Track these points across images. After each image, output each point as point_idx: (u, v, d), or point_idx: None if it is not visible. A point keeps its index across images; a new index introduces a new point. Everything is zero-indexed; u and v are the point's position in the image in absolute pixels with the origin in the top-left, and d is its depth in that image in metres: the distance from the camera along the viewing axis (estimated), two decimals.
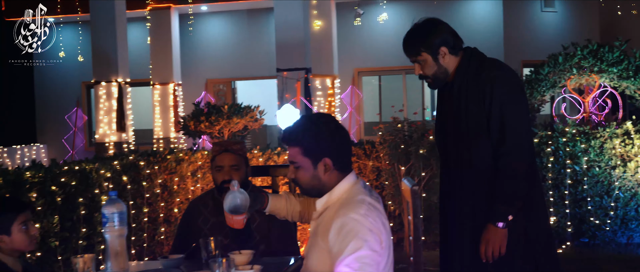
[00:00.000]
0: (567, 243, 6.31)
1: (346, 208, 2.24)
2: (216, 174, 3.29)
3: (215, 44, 13.59)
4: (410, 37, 2.92)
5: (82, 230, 4.77)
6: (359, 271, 2.12)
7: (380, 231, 2.22)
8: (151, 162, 5.80)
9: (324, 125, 2.34)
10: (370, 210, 2.24)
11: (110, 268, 2.52)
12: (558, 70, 6.74)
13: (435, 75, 2.88)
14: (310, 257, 2.34)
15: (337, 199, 2.33)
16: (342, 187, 2.34)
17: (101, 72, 11.15)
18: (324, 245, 2.26)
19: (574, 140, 6.32)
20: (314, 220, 2.41)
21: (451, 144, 2.91)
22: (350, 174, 2.38)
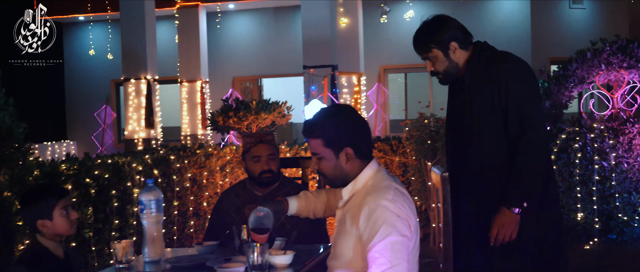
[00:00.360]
0: (595, 239, 6.28)
1: (373, 195, 2.29)
2: (254, 164, 3.31)
3: (242, 42, 13.70)
4: (420, 34, 2.96)
5: (114, 222, 4.88)
6: (390, 256, 2.18)
7: (408, 215, 2.28)
8: (181, 156, 5.90)
9: (344, 115, 2.40)
10: (397, 195, 2.30)
11: (147, 253, 2.60)
12: (586, 66, 6.70)
13: (446, 70, 2.91)
14: (338, 244, 2.39)
15: (362, 187, 2.38)
16: (367, 174, 2.40)
17: (130, 70, 11.33)
18: (353, 232, 2.31)
19: (602, 136, 6.29)
20: (340, 209, 2.46)
21: (457, 138, 2.95)
22: (372, 161, 2.43)
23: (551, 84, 6.79)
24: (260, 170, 3.30)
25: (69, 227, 2.68)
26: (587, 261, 5.75)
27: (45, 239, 2.66)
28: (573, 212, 6.35)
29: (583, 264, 5.66)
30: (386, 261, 2.17)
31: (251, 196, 3.32)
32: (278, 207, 2.66)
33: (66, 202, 2.68)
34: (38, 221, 2.63)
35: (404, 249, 2.22)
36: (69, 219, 2.67)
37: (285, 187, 3.39)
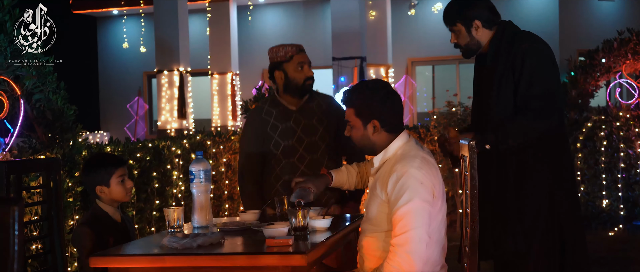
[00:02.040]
0: (620, 226, 6.39)
1: (401, 163, 2.50)
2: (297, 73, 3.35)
3: (271, 35, 13.92)
4: (449, 8, 3.11)
5: (155, 202, 5.13)
6: (412, 219, 2.39)
7: (433, 182, 2.48)
8: (217, 142, 6.13)
9: (376, 90, 2.61)
10: (424, 163, 2.50)
11: (196, 220, 2.81)
12: (613, 56, 6.80)
13: (467, 45, 3.05)
14: (370, 208, 2.61)
15: (392, 155, 2.59)
16: (397, 144, 2.60)
17: (163, 62, 11.63)
18: (382, 196, 2.52)
19: (628, 124, 6.40)
20: (372, 176, 2.67)
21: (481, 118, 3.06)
22: (402, 133, 2.63)
23: (578, 73, 6.90)
24: (305, 77, 3.36)
25: (124, 195, 2.92)
26: (612, 247, 5.87)
27: (104, 204, 2.91)
28: (598, 199, 6.47)
29: (608, 249, 5.78)
30: (407, 223, 2.39)
31: (285, 111, 3.38)
32: (321, 182, 2.90)
33: (123, 171, 2.92)
34: (97, 186, 2.89)
35: (425, 213, 2.42)
36: (125, 187, 2.92)
37: (313, 101, 3.46)
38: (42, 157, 3.95)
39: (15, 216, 1.12)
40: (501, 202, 2.94)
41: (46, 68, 4.16)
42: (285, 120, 3.35)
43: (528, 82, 2.86)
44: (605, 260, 5.45)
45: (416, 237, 2.38)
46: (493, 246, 2.95)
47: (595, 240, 6.11)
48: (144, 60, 14.08)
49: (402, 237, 2.38)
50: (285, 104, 3.40)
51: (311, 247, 2.28)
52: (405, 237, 2.37)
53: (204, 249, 2.28)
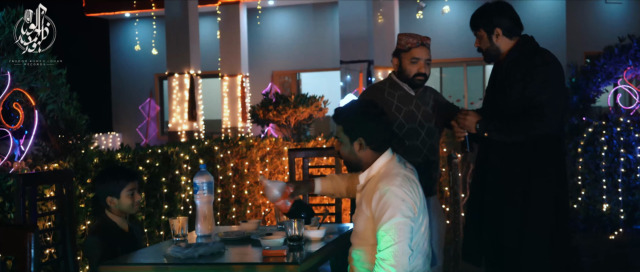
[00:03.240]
0: (620, 230, 6.50)
1: (384, 181, 2.66)
2: (411, 65, 3.40)
3: (281, 37, 14.09)
4: (475, 14, 3.28)
5: (164, 207, 5.30)
6: (395, 235, 2.55)
7: (413, 199, 2.64)
8: (224, 147, 6.30)
9: (365, 109, 2.78)
10: (405, 181, 2.66)
11: (200, 229, 2.98)
12: (614, 62, 6.90)
13: (487, 50, 3.22)
14: (357, 222, 2.77)
15: (376, 173, 2.75)
16: (380, 163, 2.77)
17: (174, 65, 11.83)
18: (368, 212, 2.69)
19: (628, 130, 6.50)
20: (359, 192, 2.83)
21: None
22: (386, 151, 2.80)
23: (579, 78, 7.01)
24: (416, 72, 3.40)
25: (132, 207, 3.10)
26: (612, 250, 5.98)
27: (112, 214, 3.09)
28: (599, 203, 6.58)
29: (608, 253, 5.90)
30: (391, 238, 2.55)
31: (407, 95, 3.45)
32: (302, 186, 3.08)
33: (134, 185, 3.10)
34: (108, 197, 3.07)
35: (407, 228, 2.58)
36: (133, 200, 3.10)
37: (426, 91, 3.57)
38: (55, 167, 4.12)
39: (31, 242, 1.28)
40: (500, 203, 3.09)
41: (59, 80, 4.34)
42: (408, 104, 3.45)
43: (538, 89, 3.00)
44: (605, 264, 5.56)
45: (399, 251, 2.54)
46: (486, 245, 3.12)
47: (596, 244, 6.23)
48: (156, 62, 14.29)
49: (386, 252, 2.54)
50: (406, 89, 3.48)
51: (305, 257, 2.44)
52: (389, 251, 2.53)
53: (205, 258, 2.45)
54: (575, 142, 6.65)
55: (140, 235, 3.28)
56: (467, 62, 12.93)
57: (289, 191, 2.97)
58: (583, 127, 6.66)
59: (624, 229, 6.53)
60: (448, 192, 6.74)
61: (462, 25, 12.91)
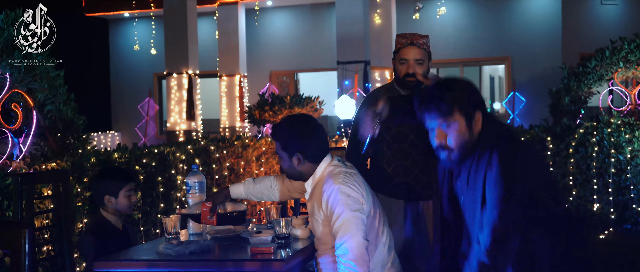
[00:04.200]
0: (610, 229, 6.60)
1: (328, 183, 2.74)
2: (400, 66, 3.35)
3: (279, 38, 14.19)
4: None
5: (160, 205, 5.40)
6: (347, 229, 2.63)
7: (359, 192, 2.72)
8: (220, 147, 6.40)
9: (299, 125, 2.84)
10: (347, 177, 2.75)
11: (191, 227, 3.08)
12: (605, 64, 7.01)
13: None
14: (315, 229, 2.85)
15: (320, 178, 2.84)
16: (322, 168, 2.85)
17: (173, 64, 11.93)
18: (320, 216, 2.77)
19: (619, 130, 6.59)
20: (309, 202, 2.91)
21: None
22: (325, 157, 2.87)
23: (571, 80, 7.11)
24: (405, 72, 3.33)
25: (128, 207, 3.20)
26: (603, 250, 6.08)
27: (107, 213, 3.19)
28: (590, 203, 6.67)
29: (598, 252, 5.99)
30: (343, 233, 2.63)
31: (397, 95, 3.36)
32: (218, 195, 3.08)
33: (131, 186, 3.21)
34: (106, 196, 3.17)
35: (358, 221, 2.66)
36: (130, 201, 3.20)
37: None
38: (53, 166, 4.22)
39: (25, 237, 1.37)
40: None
41: (57, 81, 4.44)
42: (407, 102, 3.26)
43: None
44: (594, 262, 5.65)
45: (355, 244, 2.61)
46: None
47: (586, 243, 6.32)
48: (155, 62, 14.39)
49: (342, 248, 2.63)
50: (399, 89, 3.42)
51: (291, 254, 2.54)
52: (344, 247, 2.62)
53: (196, 255, 2.55)
54: (566, 143, 6.73)
55: (135, 234, 3.37)
56: (464, 63, 13.02)
57: (207, 207, 2.97)
58: (574, 128, 6.75)
59: (614, 229, 6.62)
60: None
61: (459, 26, 13.07)
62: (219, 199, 3.05)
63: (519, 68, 12.49)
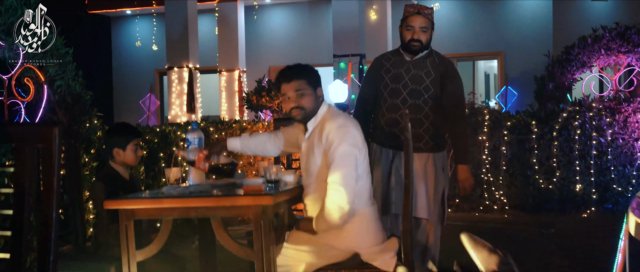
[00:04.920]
0: (592, 208, 6.90)
1: (330, 120, 3.09)
2: (406, 32, 3.76)
3: (277, 33, 14.50)
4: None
5: (162, 180, 5.71)
6: (342, 161, 2.97)
7: (355, 134, 3.06)
8: (219, 128, 6.71)
9: (314, 69, 3.25)
10: (347, 119, 3.11)
11: (192, 179, 3.37)
12: (587, 51, 7.32)
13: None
14: (310, 164, 3.15)
15: (322, 119, 3.18)
16: (323, 110, 3.21)
17: (174, 59, 12.24)
18: (319, 150, 3.09)
19: (600, 114, 6.90)
20: (307, 141, 3.22)
21: None
22: (324, 101, 3.24)
23: (555, 67, 7.42)
24: (410, 38, 3.75)
25: (134, 160, 3.52)
26: (584, 228, 6.35)
27: (116, 164, 3.50)
28: (572, 184, 6.98)
29: (580, 230, 6.27)
30: (339, 163, 2.96)
31: (401, 60, 3.82)
32: (214, 146, 3.39)
33: (137, 141, 3.53)
34: (115, 148, 3.48)
35: (353, 157, 3.00)
36: (136, 154, 3.52)
37: (431, 56, 3.84)
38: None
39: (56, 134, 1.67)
40: None
41: (67, 57, 4.75)
42: (399, 67, 3.81)
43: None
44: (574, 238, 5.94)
45: (347, 174, 2.95)
46: None
47: (570, 221, 6.63)
48: (156, 58, 14.70)
49: (335, 175, 2.95)
50: (404, 55, 3.83)
51: (279, 192, 2.86)
52: (337, 174, 2.94)
53: (195, 194, 2.86)
54: (550, 126, 7.04)
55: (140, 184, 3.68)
56: (457, 58, 13.33)
57: (203, 154, 3.26)
58: (558, 113, 7.06)
59: (596, 208, 6.93)
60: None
61: (453, 22, 13.38)
62: (215, 149, 3.36)
63: (512, 63, 12.80)
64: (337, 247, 3.02)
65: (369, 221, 3.08)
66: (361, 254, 3.02)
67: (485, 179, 7.18)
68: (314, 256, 3.01)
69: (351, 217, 3.00)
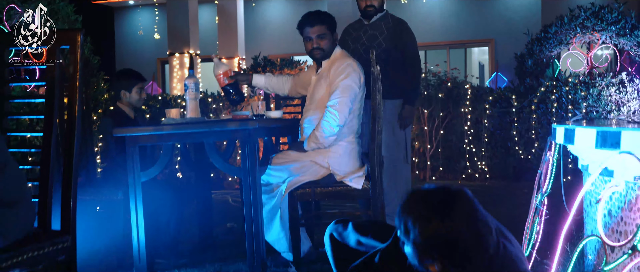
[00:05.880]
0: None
1: (340, 59, 3.63)
2: (360, 1, 4.31)
3: (275, 23, 14.96)
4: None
5: None
6: (343, 91, 3.46)
7: (359, 74, 3.56)
8: (216, 99, 7.16)
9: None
10: (354, 62, 3.61)
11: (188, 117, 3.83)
12: (564, 30, 7.76)
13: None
14: (315, 93, 3.66)
15: (333, 58, 3.69)
16: (337, 52, 3.73)
17: (175, 46, 12.71)
18: (326, 81, 3.60)
19: (575, 88, 7.33)
20: (315, 75, 3.75)
21: None
22: (337, 45, 3.73)
23: (534, 44, 7.86)
24: (365, 5, 4.26)
25: (138, 101, 4.00)
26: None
27: (123, 105, 3.98)
28: None
29: None
30: (340, 92, 3.47)
31: (360, 25, 4.34)
32: (241, 75, 3.98)
33: (141, 85, 4.01)
34: (122, 90, 3.96)
35: (352, 91, 3.50)
36: (140, 96, 4.00)
37: (386, 18, 4.32)
38: None
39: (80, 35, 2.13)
40: None
41: (76, 24, 5.20)
42: (358, 31, 4.33)
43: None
44: None
45: (343, 102, 3.46)
46: None
47: None
48: (158, 47, 15.16)
49: (333, 101, 3.47)
50: (362, 20, 4.36)
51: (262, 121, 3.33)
52: (336, 100, 3.46)
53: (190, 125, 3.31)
54: (529, 100, 7.48)
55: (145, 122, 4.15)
56: (449, 45, 13.78)
57: (229, 73, 3.85)
58: (536, 87, 7.50)
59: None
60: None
61: (445, 10, 13.83)
62: (240, 77, 3.93)
63: (502, 50, 13.24)
64: (319, 164, 3.52)
65: (351, 150, 3.56)
66: (337, 175, 3.49)
67: (467, 149, 7.62)
68: (297, 172, 3.48)
69: (337, 141, 3.52)
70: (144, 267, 3.42)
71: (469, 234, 1.75)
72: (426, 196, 1.82)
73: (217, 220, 5.03)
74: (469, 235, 1.76)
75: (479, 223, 1.79)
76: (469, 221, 1.77)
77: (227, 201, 6.27)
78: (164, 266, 3.65)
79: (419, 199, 1.81)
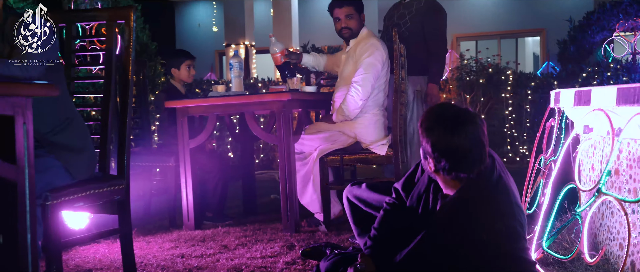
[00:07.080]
0: None
1: (366, 39, 3.96)
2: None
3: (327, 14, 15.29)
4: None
5: None
6: (366, 68, 3.80)
7: (382, 53, 3.88)
8: (266, 84, 7.58)
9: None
10: (379, 41, 3.94)
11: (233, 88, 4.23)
12: (606, 16, 7.87)
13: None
14: (345, 70, 4.00)
15: (360, 38, 4.03)
16: (364, 32, 4.06)
17: (232, 37, 13.23)
18: (354, 59, 3.93)
19: (617, 74, 7.44)
20: (345, 54, 4.08)
21: None
22: (364, 25, 4.05)
23: (576, 31, 8.00)
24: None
25: (187, 77, 4.43)
26: None
27: (174, 81, 4.42)
28: None
29: None
30: (363, 69, 3.81)
31: (397, 4, 4.67)
32: (294, 54, 4.32)
33: (191, 62, 4.44)
34: (172, 68, 4.40)
35: (376, 69, 3.83)
36: (189, 73, 4.43)
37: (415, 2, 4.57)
38: None
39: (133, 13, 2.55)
40: None
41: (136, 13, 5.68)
42: (394, 10, 4.68)
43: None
44: None
45: (366, 78, 3.79)
46: None
47: None
48: (216, 40, 15.74)
49: (358, 77, 3.80)
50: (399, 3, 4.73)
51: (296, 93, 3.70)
52: (360, 77, 3.79)
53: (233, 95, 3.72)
54: (571, 85, 7.63)
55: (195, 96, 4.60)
56: (501, 35, 13.87)
57: (285, 52, 4.24)
58: (578, 73, 7.64)
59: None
60: None
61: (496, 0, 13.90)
62: (293, 56, 4.30)
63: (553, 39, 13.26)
64: (347, 134, 3.88)
65: (376, 122, 3.90)
66: (363, 144, 3.84)
67: (509, 133, 7.83)
68: (327, 141, 3.84)
69: (363, 114, 3.86)
70: (191, 226, 3.86)
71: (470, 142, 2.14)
72: (441, 110, 2.21)
73: (263, 192, 5.49)
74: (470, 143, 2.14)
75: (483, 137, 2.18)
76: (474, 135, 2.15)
77: (274, 179, 6.74)
78: (210, 226, 4.08)
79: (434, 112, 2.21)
